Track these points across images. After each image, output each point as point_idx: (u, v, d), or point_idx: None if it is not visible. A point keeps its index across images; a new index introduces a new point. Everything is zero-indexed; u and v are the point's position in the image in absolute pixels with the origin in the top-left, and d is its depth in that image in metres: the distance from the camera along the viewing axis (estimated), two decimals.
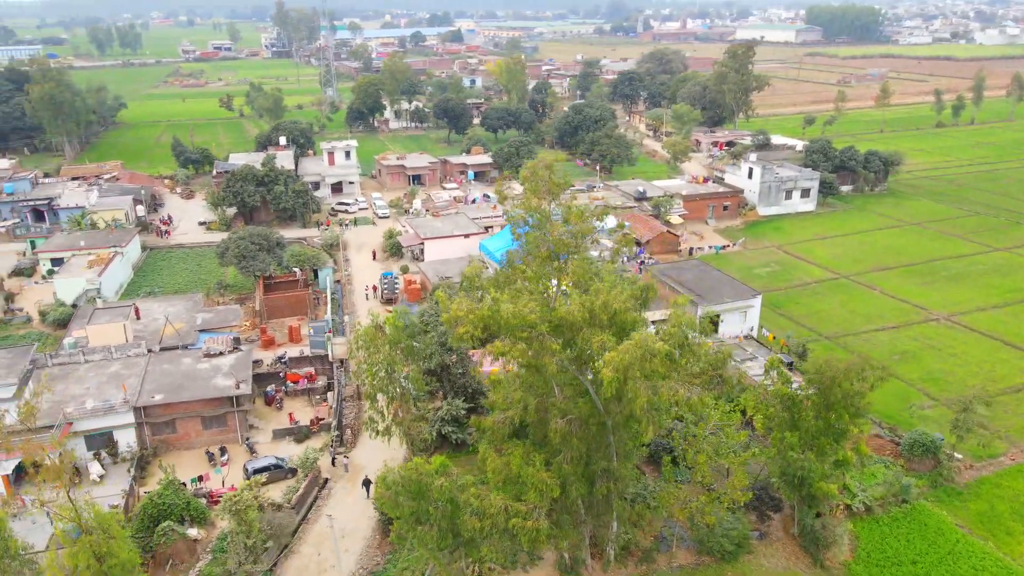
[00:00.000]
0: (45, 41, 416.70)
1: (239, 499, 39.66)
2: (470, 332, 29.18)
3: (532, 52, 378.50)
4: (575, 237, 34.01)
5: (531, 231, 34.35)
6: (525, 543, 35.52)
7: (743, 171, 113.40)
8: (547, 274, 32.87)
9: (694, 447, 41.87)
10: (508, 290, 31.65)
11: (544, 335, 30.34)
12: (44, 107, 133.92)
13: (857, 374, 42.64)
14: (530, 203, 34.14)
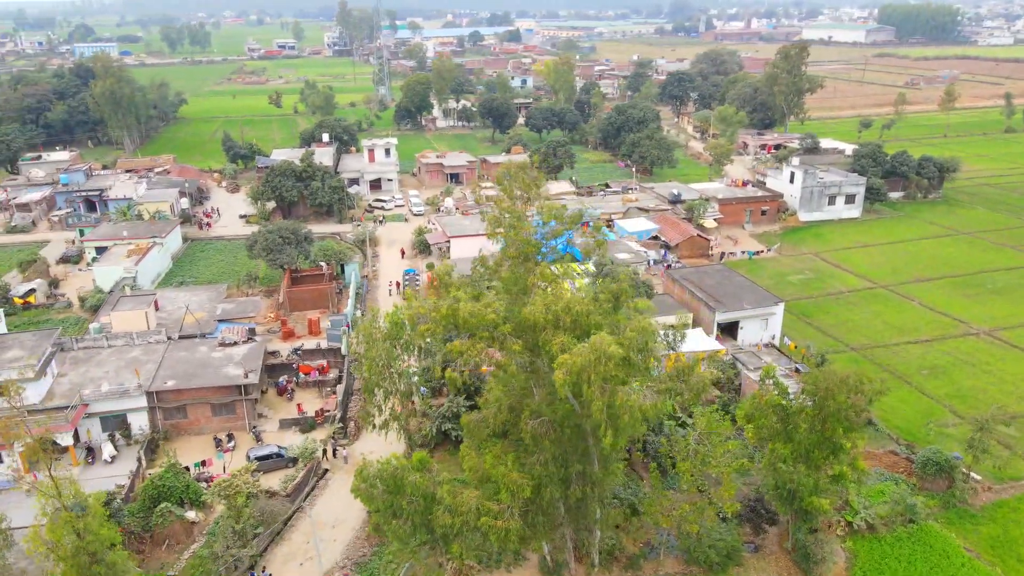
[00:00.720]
0: (122, 39, 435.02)
1: (229, 484, 40.85)
2: (431, 330, 29.41)
3: (589, 52, 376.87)
4: (545, 238, 33.88)
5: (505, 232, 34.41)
6: (495, 542, 35.60)
7: (784, 175, 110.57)
8: (521, 275, 32.82)
9: (681, 454, 41.31)
10: (470, 289, 31.73)
11: (506, 336, 30.35)
12: (105, 102, 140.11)
13: (854, 387, 41.34)
14: (503, 203, 34.14)
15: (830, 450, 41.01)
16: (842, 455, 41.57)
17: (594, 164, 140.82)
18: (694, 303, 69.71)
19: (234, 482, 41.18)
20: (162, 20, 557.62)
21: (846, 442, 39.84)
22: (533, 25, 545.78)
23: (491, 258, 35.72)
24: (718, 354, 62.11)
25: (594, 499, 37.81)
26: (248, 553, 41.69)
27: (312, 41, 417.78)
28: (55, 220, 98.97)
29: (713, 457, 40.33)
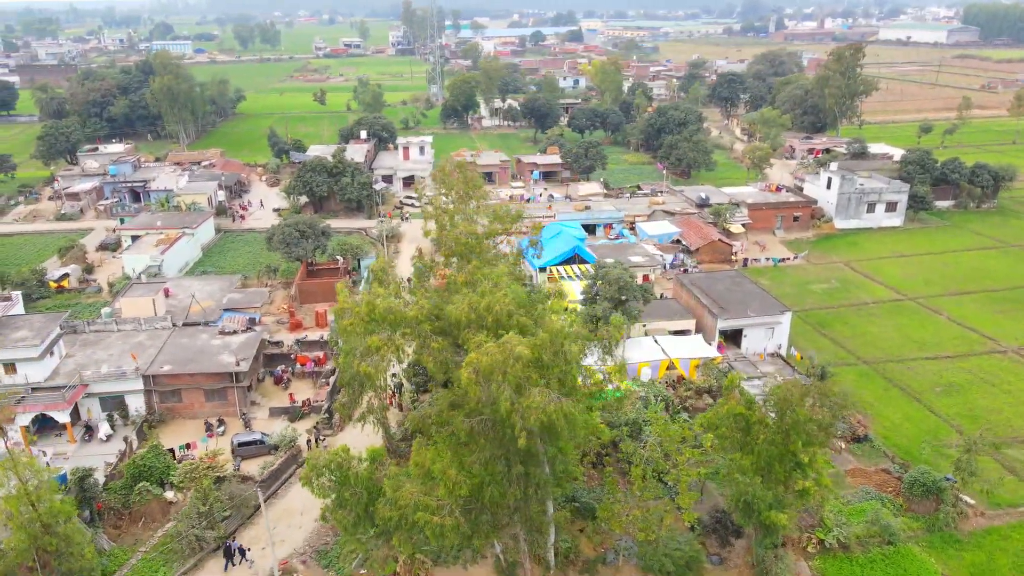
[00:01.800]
0: (198, 37, 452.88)
1: (194, 467, 42.43)
2: (353, 324, 30.02)
3: (651, 52, 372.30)
4: (478, 238, 34.03)
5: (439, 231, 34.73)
6: (432, 538, 35.98)
7: (822, 181, 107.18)
8: (453, 273, 33.11)
9: (635, 459, 40.87)
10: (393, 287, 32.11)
11: (427, 333, 30.70)
12: (162, 97, 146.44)
13: (820, 400, 40.11)
14: (438, 202, 34.45)
15: (793, 464, 39.86)
16: (808, 470, 40.41)
17: (633, 166, 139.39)
18: (699, 309, 68.48)
19: (200, 465, 42.70)
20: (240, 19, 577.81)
21: (804, 456, 38.59)
22: (596, 25, 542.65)
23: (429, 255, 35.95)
24: (713, 361, 61.02)
25: (538, 501, 37.70)
26: (213, 535, 43.20)
27: (377, 40, 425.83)
28: (101, 209, 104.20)
29: (667, 465, 39.73)
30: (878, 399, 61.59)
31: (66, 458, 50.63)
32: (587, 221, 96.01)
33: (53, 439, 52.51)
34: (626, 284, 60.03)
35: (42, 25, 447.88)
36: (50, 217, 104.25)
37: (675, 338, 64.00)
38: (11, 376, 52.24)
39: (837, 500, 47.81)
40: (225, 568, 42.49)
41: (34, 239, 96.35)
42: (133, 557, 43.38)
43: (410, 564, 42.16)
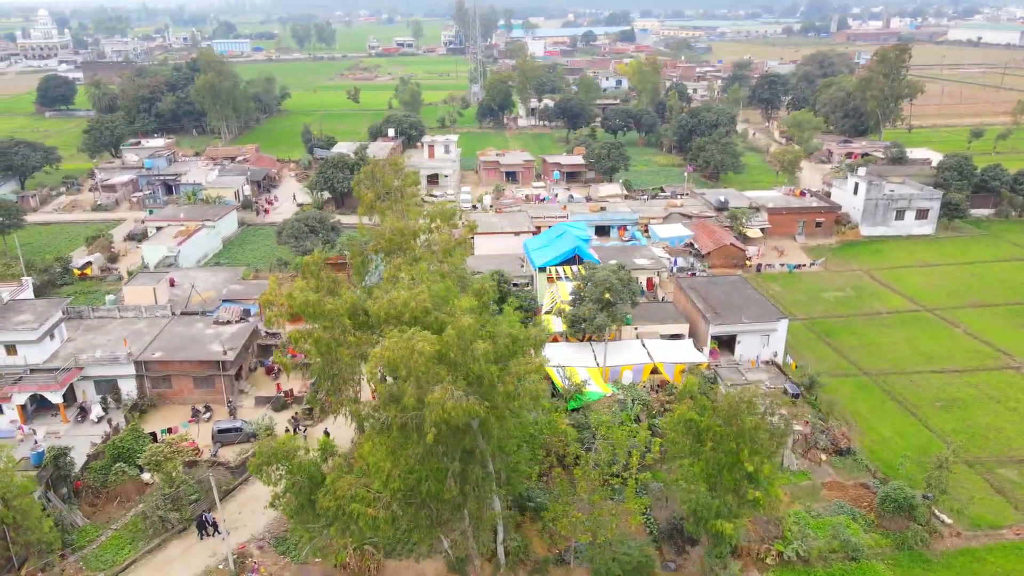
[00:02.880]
0: (259, 35, 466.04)
1: (159, 451, 44.10)
2: (277, 315, 30.92)
3: (703, 53, 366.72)
4: (403, 236, 34.44)
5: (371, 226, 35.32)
6: (366, 530, 36.63)
7: (849, 186, 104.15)
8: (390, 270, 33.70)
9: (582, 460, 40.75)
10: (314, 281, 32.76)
11: (347, 326, 31.35)
12: (205, 94, 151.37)
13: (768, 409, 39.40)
14: (366, 199, 35.02)
15: (744, 474, 39.17)
16: (758, 480, 39.67)
17: (663, 167, 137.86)
18: (694, 313, 67.53)
19: (165, 449, 44.35)
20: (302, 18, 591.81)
21: (749, 465, 37.85)
22: (650, 25, 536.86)
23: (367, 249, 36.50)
24: (699, 367, 60.12)
25: (476, 498, 37.98)
26: (178, 517, 44.81)
27: (430, 39, 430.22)
28: (134, 201, 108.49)
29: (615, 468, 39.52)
30: (872, 411, 59.78)
31: (58, 437, 53.10)
32: (600, 222, 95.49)
33: (48, 418, 55.11)
34: (612, 286, 59.64)
35: (113, 23, 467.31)
36: (87, 208, 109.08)
37: (663, 342, 63.30)
38: (12, 357, 55.03)
39: (805, 513, 46.76)
40: (200, 538, 44.19)
41: (69, 228, 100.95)
42: (103, 534, 45.31)
43: (359, 555, 42.95)
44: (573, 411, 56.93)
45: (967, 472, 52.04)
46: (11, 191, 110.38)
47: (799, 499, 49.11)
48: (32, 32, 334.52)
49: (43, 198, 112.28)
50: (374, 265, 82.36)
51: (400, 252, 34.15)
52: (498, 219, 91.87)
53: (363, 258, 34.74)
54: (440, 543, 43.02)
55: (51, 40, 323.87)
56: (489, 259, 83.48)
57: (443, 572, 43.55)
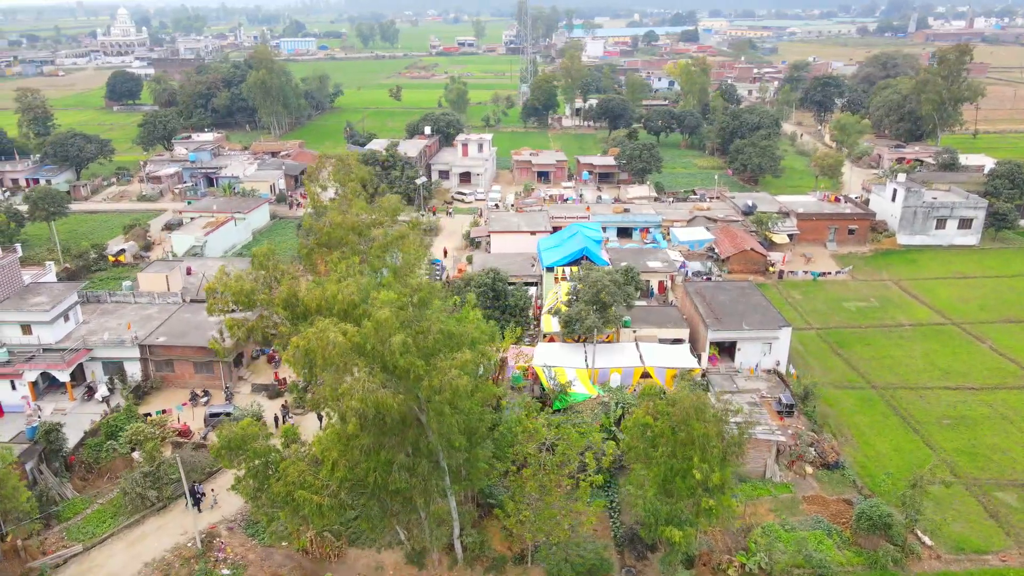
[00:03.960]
0: (326, 34, 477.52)
1: (139, 431, 46.11)
2: (219, 302, 32.12)
3: (768, 53, 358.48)
4: (343, 230, 35.09)
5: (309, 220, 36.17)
6: (312, 517, 37.58)
7: (887, 192, 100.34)
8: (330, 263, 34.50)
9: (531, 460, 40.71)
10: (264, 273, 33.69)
11: (275, 315, 32.29)
12: (256, 90, 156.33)
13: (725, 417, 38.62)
14: (313, 193, 35.84)
15: (696, 481, 38.48)
16: (713, 489, 38.93)
17: (702, 170, 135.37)
18: (696, 318, 66.40)
19: (146, 429, 46.34)
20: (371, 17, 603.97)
21: (698, 473, 37.16)
22: (717, 24, 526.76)
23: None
24: (691, 372, 59.08)
25: (423, 491, 38.47)
26: (157, 494, 46.80)
27: (492, 39, 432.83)
28: (176, 192, 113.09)
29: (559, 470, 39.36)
30: (872, 426, 57.66)
31: (64, 413, 56.06)
32: (622, 224, 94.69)
33: (58, 396, 58.23)
34: (605, 288, 59.25)
35: (190, 22, 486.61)
36: (134, 198, 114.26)
37: (658, 346, 62.47)
38: (27, 336, 58.34)
39: (778, 526, 45.58)
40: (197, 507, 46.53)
41: (114, 217, 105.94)
42: (89, 507, 47.68)
43: (320, 541, 43.99)
44: (557, 411, 56.99)
45: (962, 493, 49.78)
46: (65, 180, 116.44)
47: (776, 511, 47.89)
48: (112, 30, 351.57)
49: (95, 188, 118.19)
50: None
51: (341, 246, 34.92)
52: (517, 218, 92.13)
53: (308, 250, 35.63)
54: (396, 534, 43.83)
55: (129, 38, 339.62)
56: (503, 257, 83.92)
57: (402, 563, 44.20)
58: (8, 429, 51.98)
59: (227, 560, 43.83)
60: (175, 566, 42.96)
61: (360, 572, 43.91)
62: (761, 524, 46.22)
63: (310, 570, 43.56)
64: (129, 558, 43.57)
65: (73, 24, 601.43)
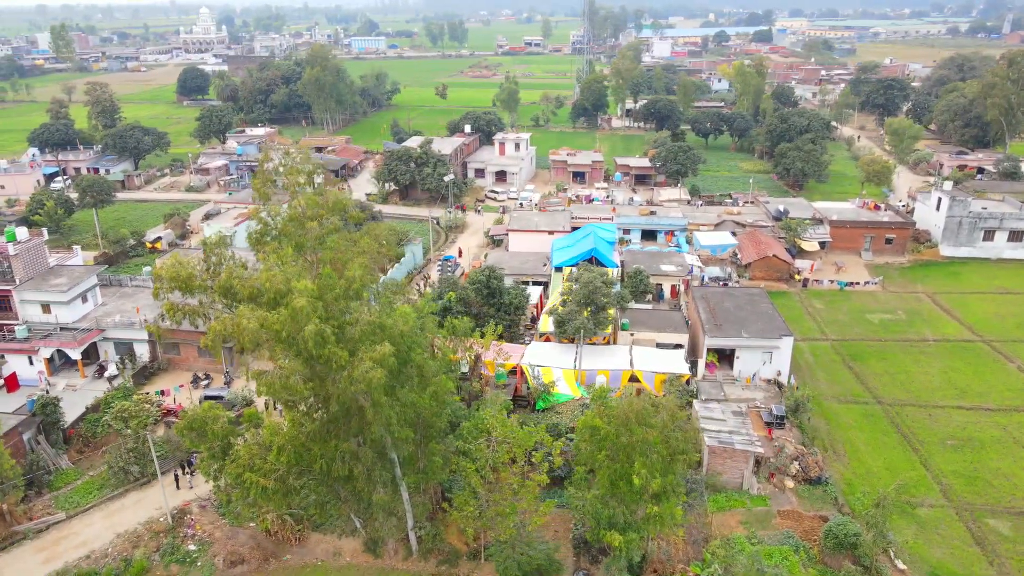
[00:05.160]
0: (398, 34, 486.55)
1: (124, 409, 48.47)
2: (161, 288, 33.61)
3: (845, 54, 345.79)
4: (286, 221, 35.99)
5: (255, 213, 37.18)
6: (260, 498, 38.79)
7: (932, 201, 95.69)
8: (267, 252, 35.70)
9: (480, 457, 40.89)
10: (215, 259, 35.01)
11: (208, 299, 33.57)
12: (311, 87, 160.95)
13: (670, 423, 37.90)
14: (258, 187, 36.86)
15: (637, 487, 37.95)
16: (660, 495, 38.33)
17: (747, 174, 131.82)
18: (699, 323, 65.05)
19: (130, 408, 48.68)
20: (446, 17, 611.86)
21: (636, 479, 36.61)
22: (797, 24, 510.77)
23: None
24: (681, 378, 57.99)
25: (368, 481, 39.19)
26: (140, 469, 49.11)
27: (560, 39, 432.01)
28: (222, 184, 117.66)
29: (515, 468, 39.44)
30: (869, 443, 55.40)
31: (75, 389, 59.38)
32: (646, 226, 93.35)
33: (72, 373, 61.67)
34: (596, 289, 58.78)
35: (269, 21, 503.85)
36: (183, 188, 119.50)
37: (651, 350, 61.48)
38: (46, 315, 62.02)
39: (744, 538, 44.37)
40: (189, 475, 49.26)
41: (161, 206, 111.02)
42: (80, 478, 50.43)
43: (281, 523, 45.29)
44: (541, 411, 56.96)
45: (950, 518, 47.39)
46: (122, 170, 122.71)
47: (747, 524, 46.59)
48: (194, 28, 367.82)
49: (148, 178, 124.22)
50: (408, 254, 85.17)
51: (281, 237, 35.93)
52: (538, 217, 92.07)
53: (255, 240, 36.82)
54: (351, 522, 44.75)
55: (209, 36, 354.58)
56: (518, 256, 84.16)
57: (359, 551, 45.08)
58: (19, 400, 55.35)
59: (195, 536, 45.65)
60: (145, 539, 45.01)
61: (319, 557, 45.01)
62: (728, 536, 45.15)
63: (271, 551, 44.91)
64: (104, 528, 45.89)
65: (165, 22, 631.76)
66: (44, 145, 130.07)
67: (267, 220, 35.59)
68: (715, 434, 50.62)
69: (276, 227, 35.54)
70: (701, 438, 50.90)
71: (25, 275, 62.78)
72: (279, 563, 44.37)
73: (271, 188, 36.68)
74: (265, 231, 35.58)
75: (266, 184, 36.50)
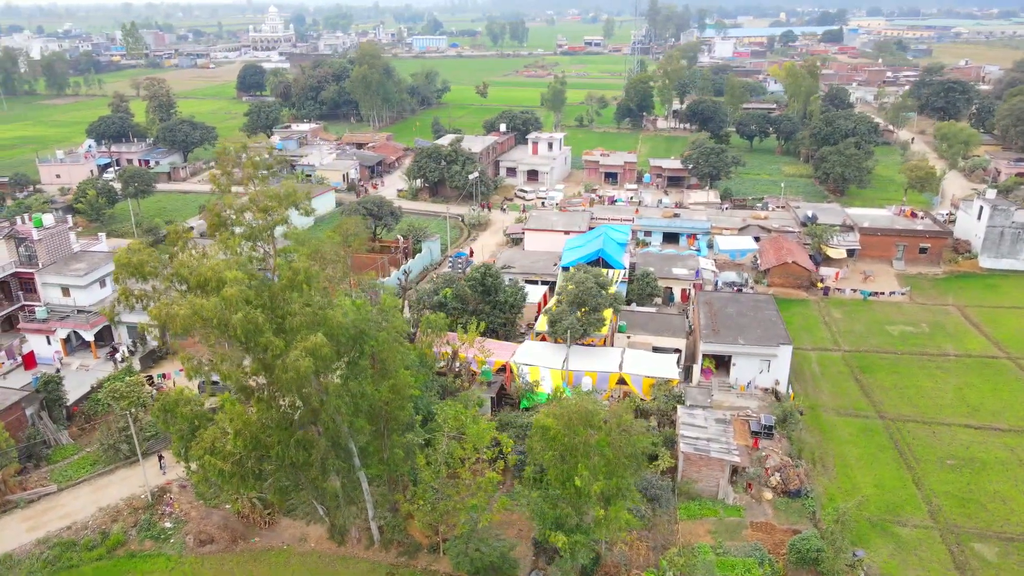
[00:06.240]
0: (460, 33, 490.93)
1: (115, 390, 50.77)
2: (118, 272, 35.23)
3: (921, 55, 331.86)
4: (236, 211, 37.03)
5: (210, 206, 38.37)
6: (221, 482, 40.15)
7: (974, 210, 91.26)
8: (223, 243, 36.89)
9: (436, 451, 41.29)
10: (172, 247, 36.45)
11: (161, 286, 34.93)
12: (358, 85, 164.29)
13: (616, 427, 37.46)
14: (216, 180, 38.01)
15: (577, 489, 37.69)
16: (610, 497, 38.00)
17: (789, 178, 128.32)
18: (698, 328, 63.89)
19: (121, 388, 50.95)
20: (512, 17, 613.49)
21: (578, 480, 36.36)
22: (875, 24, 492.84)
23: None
24: (670, 383, 57.06)
25: (322, 470, 40.07)
26: (127, 448, 51.34)
27: (622, 39, 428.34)
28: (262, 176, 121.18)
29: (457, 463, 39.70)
30: (861, 458, 53.45)
31: (87, 369, 62.46)
32: (668, 229, 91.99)
33: (87, 353, 64.84)
34: (587, 290, 58.41)
35: (337, 20, 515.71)
36: None
37: (643, 353, 60.65)
38: (66, 298, 65.39)
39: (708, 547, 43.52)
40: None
41: (201, 197, 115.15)
42: (77, 454, 53.05)
43: (251, 506, 46.68)
44: (524, 410, 56.91)
45: (933, 539, 45.34)
46: (169, 163, 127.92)
47: (715, 533, 45.69)
48: (262, 27, 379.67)
49: (193, 170, 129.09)
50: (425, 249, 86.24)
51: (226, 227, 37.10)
52: (556, 217, 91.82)
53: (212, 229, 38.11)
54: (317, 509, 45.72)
55: (276, 34, 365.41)
56: (532, 255, 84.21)
57: (324, 538, 46.07)
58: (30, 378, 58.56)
59: (172, 515, 47.50)
60: (124, 514, 47.08)
61: (286, 541, 46.24)
62: (693, 544, 44.34)
63: (240, 533, 46.34)
64: (89, 502, 48.19)
65: (240, 20, 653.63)
66: (101, 137, 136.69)
67: (219, 211, 36.68)
68: (692, 441, 49.70)
69: (229, 217, 36.62)
70: (677, 444, 50.17)
71: (48, 259, 66.30)
72: (247, 545, 45.76)
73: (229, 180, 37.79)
74: (218, 221, 36.67)
75: (224, 175, 37.62)
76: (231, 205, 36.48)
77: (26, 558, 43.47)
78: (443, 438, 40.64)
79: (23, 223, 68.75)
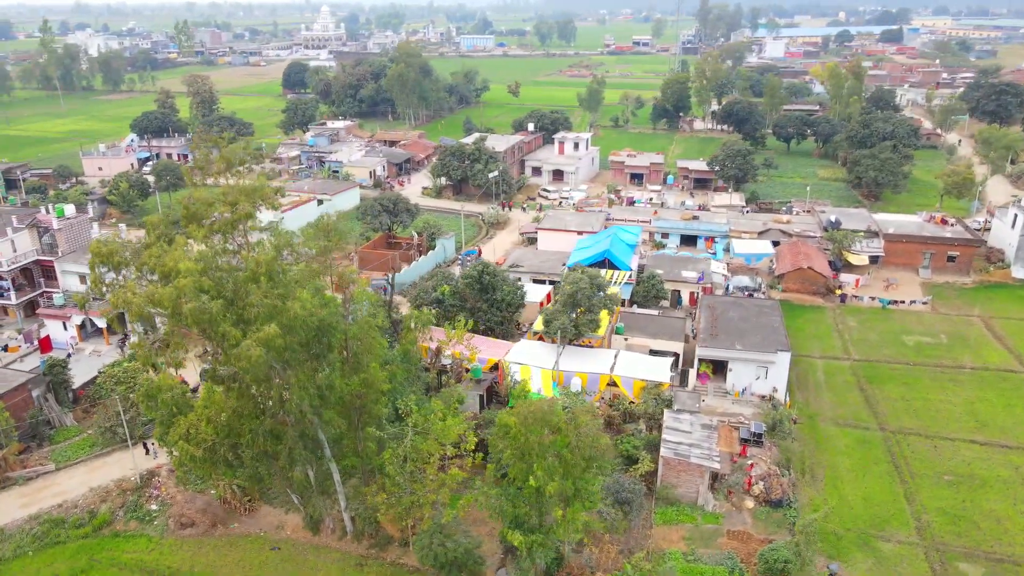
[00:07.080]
0: (511, 32, 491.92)
1: (113, 375, 52.60)
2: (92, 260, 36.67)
3: (984, 56, 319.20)
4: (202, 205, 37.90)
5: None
6: (194, 468, 41.35)
7: (1008, 218, 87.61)
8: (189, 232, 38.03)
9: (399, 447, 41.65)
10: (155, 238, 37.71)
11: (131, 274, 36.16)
12: (395, 83, 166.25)
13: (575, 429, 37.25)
14: (191, 177, 39.08)
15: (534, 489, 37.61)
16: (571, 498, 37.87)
17: (823, 181, 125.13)
18: (699, 332, 62.95)
19: (118, 374, 52.75)
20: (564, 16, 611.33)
21: (533, 480, 36.29)
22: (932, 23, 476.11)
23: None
24: (660, 387, 56.36)
25: (287, 458, 40.89)
26: (123, 432, 53.14)
27: (671, 39, 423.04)
28: (291, 172, 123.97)
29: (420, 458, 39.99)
30: (853, 469, 51.98)
31: (99, 355, 64.86)
32: (686, 232, 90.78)
33: (101, 339, 67.31)
34: (580, 291, 58.09)
35: (389, 19, 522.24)
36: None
37: (637, 356, 60.01)
38: (82, 286, 67.97)
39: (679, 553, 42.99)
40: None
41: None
42: (78, 435, 55.17)
43: (232, 492, 47.84)
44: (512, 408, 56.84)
45: (916, 557, 43.83)
46: None
47: (689, 540, 45.08)
48: (314, 26, 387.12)
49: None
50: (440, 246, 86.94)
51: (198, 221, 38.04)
52: (570, 217, 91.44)
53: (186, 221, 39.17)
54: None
55: (327, 33, 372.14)
56: (543, 254, 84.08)
57: (300, 526, 46.93)
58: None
59: (158, 497, 49.02)
60: (113, 495, 48.77)
61: (263, 528, 47.28)
62: (664, 550, 43.83)
63: (220, 518, 47.54)
64: (82, 482, 50.07)
65: (297, 19, 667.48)
66: (143, 132, 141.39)
67: (189, 205, 37.73)
68: (673, 445, 49.04)
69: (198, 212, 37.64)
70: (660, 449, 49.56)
71: (68, 248, 69.01)
72: (225, 530, 46.93)
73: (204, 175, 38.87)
74: (189, 214, 37.72)
75: (197, 172, 38.72)
76: (201, 199, 37.37)
77: (16, 532, 45.43)
78: (408, 432, 40.95)
79: (46, 213, 71.69)
